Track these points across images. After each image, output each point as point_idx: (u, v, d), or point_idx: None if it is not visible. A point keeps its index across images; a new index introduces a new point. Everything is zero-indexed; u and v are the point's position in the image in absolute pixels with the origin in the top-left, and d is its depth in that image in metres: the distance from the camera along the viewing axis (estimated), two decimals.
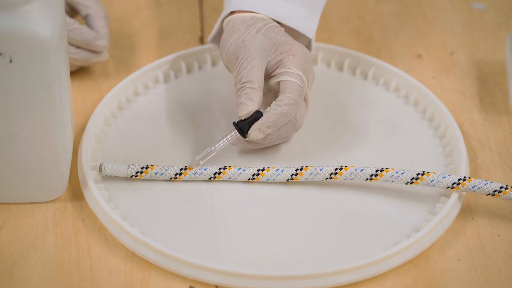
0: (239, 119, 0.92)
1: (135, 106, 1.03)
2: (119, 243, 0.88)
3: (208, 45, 1.09)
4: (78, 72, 1.07)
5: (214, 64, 1.09)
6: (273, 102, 0.91)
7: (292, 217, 0.91)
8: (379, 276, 0.86)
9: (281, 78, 0.92)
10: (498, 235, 0.90)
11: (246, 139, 0.92)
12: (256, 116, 0.91)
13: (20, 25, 0.79)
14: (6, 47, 0.79)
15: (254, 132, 0.91)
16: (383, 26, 1.18)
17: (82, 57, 1.04)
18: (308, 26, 0.98)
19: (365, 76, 1.08)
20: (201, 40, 1.14)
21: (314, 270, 0.83)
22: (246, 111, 0.91)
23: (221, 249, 0.87)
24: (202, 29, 1.16)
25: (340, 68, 1.10)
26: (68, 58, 0.92)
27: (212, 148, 0.92)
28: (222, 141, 0.92)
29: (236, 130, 0.92)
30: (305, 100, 0.94)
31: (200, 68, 1.09)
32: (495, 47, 1.15)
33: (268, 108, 0.91)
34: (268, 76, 0.94)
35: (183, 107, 1.03)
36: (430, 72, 1.11)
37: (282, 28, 0.96)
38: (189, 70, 1.08)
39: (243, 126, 0.91)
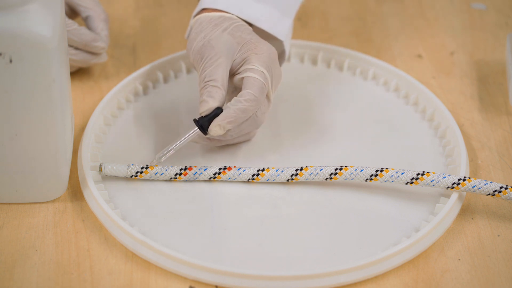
0: (199, 116, 0.92)
1: (135, 106, 1.03)
2: (119, 243, 0.87)
3: None
4: (78, 72, 1.07)
5: None
6: (234, 98, 0.91)
7: (292, 217, 0.91)
8: (379, 276, 0.86)
9: (244, 75, 0.92)
10: (498, 235, 0.90)
11: (207, 136, 0.92)
12: (217, 112, 0.91)
13: (20, 25, 0.79)
14: (6, 47, 0.79)
15: (215, 128, 0.91)
16: (383, 26, 1.18)
17: (81, 58, 1.04)
18: (279, 28, 0.98)
19: (365, 76, 1.08)
20: None
21: (314, 270, 0.83)
22: (206, 107, 0.91)
23: (221, 249, 0.87)
24: None
25: (340, 68, 1.10)
26: (68, 58, 0.92)
27: (172, 146, 0.92)
28: (183, 138, 0.92)
29: (197, 127, 0.92)
30: (268, 97, 0.94)
31: None
32: (495, 47, 1.15)
33: (228, 103, 0.91)
34: (233, 74, 0.94)
35: (183, 107, 1.03)
36: (430, 72, 1.11)
37: (250, 27, 0.96)
38: (188, 70, 1.08)
39: (203, 123, 0.91)
